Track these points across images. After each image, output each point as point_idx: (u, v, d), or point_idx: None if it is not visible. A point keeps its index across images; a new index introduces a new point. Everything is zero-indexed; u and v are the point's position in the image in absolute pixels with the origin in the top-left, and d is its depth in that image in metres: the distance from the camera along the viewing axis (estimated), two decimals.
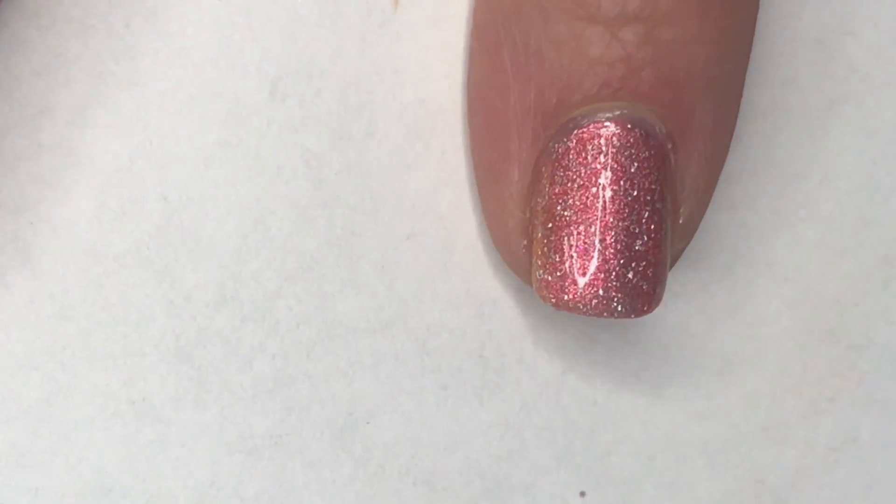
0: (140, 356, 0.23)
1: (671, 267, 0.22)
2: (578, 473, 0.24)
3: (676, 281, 0.24)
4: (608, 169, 0.21)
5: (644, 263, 0.21)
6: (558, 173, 0.21)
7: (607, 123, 0.21)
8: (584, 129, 0.21)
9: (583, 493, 0.24)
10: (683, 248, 0.22)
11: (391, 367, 0.24)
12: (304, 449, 0.24)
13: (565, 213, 0.21)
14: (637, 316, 0.21)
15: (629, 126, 0.20)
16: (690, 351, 0.25)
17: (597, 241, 0.21)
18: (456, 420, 0.24)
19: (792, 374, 0.25)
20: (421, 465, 0.24)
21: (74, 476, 0.23)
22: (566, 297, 0.21)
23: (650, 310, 0.21)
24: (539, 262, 0.21)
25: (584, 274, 0.21)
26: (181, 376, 0.23)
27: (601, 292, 0.21)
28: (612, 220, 0.21)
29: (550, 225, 0.21)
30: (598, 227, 0.21)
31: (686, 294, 0.24)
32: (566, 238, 0.21)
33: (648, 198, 0.21)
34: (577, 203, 0.21)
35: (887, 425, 0.25)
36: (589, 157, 0.21)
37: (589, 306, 0.21)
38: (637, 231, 0.21)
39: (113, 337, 0.23)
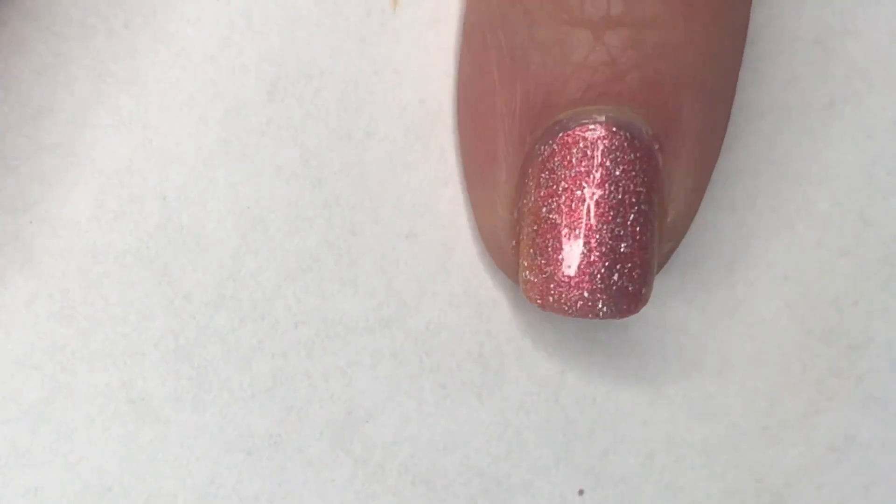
0: (140, 356, 0.23)
1: (661, 267, 0.22)
2: (577, 472, 0.24)
3: (676, 281, 0.24)
4: (593, 172, 0.21)
5: (629, 265, 0.21)
6: (543, 176, 0.21)
7: (592, 126, 0.21)
8: (569, 133, 0.21)
9: (581, 492, 0.24)
10: (673, 249, 0.22)
11: (390, 366, 0.24)
12: (303, 448, 0.24)
13: (550, 216, 0.21)
14: (622, 317, 0.21)
15: (614, 129, 0.20)
16: (690, 351, 0.25)
17: (581, 244, 0.21)
18: (455, 419, 0.24)
19: (792, 374, 0.25)
20: (420, 464, 0.24)
21: (74, 476, 0.23)
22: (551, 299, 0.21)
23: (635, 311, 0.21)
24: (525, 264, 0.21)
25: (568, 276, 0.21)
26: (181, 376, 0.23)
27: (586, 294, 0.21)
28: (596, 222, 0.21)
29: (536, 227, 0.21)
30: (582, 229, 0.21)
31: (686, 294, 0.24)
32: (551, 240, 0.21)
33: (633, 200, 0.21)
34: (562, 206, 0.21)
35: (886, 425, 0.25)
36: (574, 161, 0.21)
37: (574, 308, 0.21)
38: (622, 233, 0.21)
39: (113, 337, 0.23)
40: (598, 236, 0.21)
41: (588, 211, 0.21)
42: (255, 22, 0.23)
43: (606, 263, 0.21)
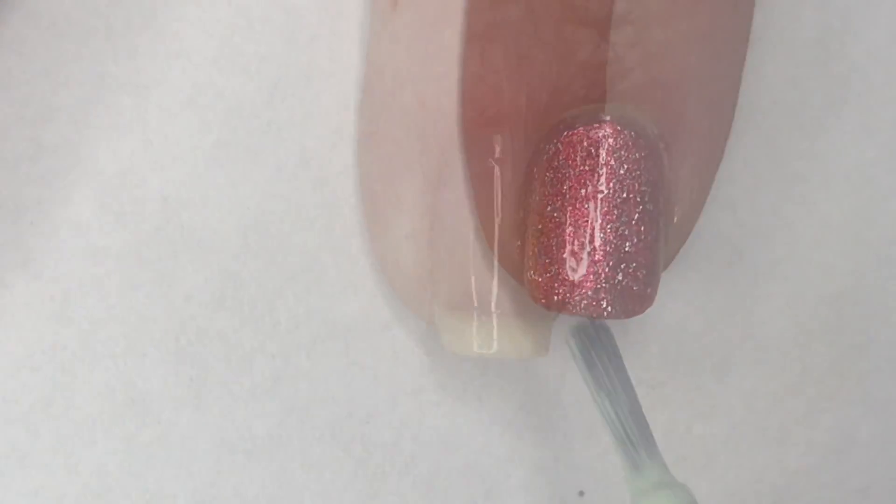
0: (140, 356, 0.23)
1: (666, 267, 0.22)
2: (577, 473, 0.24)
3: (676, 281, 0.24)
4: (597, 171, 0.20)
5: (634, 265, 0.20)
6: (548, 175, 0.21)
7: (596, 125, 0.20)
8: (574, 131, 0.21)
9: (581, 493, 0.25)
10: (678, 249, 0.22)
11: (390, 367, 0.24)
12: (304, 449, 0.24)
13: (555, 215, 0.21)
14: (628, 317, 0.21)
15: (618, 128, 0.20)
16: (690, 351, 0.25)
17: (586, 243, 0.20)
18: (455, 419, 0.24)
19: (792, 374, 0.25)
20: (420, 464, 0.24)
21: (74, 476, 0.23)
22: (556, 298, 0.21)
23: (641, 310, 0.21)
24: (530, 263, 0.21)
25: (573, 275, 0.21)
26: (181, 377, 0.23)
27: (590, 293, 0.20)
28: (601, 221, 0.20)
29: (540, 226, 0.21)
30: (587, 228, 0.20)
31: (686, 294, 0.24)
32: (555, 239, 0.21)
33: (638, 199, 0.20)
34: (567, 204, 0.21)
35: (887, 425, 0.25)
36: (578, 159, 0.20)
37: (578, 307, 0.21)
38: (627, 233, 0.20)
39: (113, 337, 0.23)
40: (602, 235, 0.20)
41: (592, 210, 0.20)
42: (255, 22, 0.23)
43: (611, 263, 0.20)
